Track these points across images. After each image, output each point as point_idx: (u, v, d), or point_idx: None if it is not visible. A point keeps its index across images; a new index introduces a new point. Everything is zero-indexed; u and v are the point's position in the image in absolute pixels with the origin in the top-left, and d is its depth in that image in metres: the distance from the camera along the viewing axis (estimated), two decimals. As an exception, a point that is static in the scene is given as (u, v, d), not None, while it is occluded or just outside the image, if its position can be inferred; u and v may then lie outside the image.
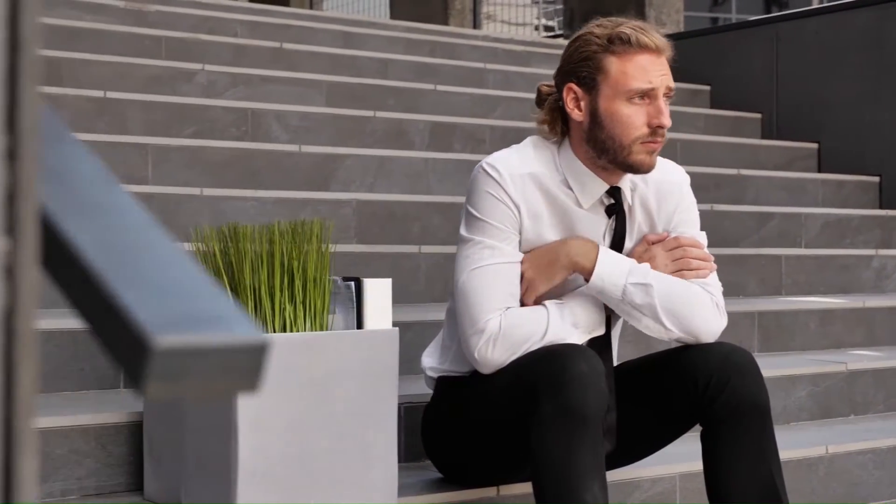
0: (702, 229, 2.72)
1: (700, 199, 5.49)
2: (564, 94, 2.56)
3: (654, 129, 2.49)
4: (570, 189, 2.58)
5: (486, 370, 2.50)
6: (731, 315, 4.06)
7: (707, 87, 7.16)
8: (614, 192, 2.60)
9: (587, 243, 2.54)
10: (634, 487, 2.97)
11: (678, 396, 2.53)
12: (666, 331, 2.53)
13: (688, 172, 2.78)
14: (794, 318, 4.30)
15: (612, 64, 2.51)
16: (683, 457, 2.94)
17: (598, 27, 2.54)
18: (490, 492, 2.71)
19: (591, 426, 2.31)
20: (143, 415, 2.59)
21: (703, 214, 5.06)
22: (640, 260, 2.58)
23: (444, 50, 6.73)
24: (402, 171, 4.71)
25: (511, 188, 2.54)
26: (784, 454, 3.29)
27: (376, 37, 6.57)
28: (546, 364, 2.38)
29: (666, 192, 2.67)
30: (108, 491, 2.63)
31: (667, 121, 2.49)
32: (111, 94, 4.51)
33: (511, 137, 5.31)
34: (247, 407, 2.32)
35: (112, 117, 4.48)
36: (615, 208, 2.61)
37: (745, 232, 5.20)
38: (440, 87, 5.74)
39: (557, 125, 2.61)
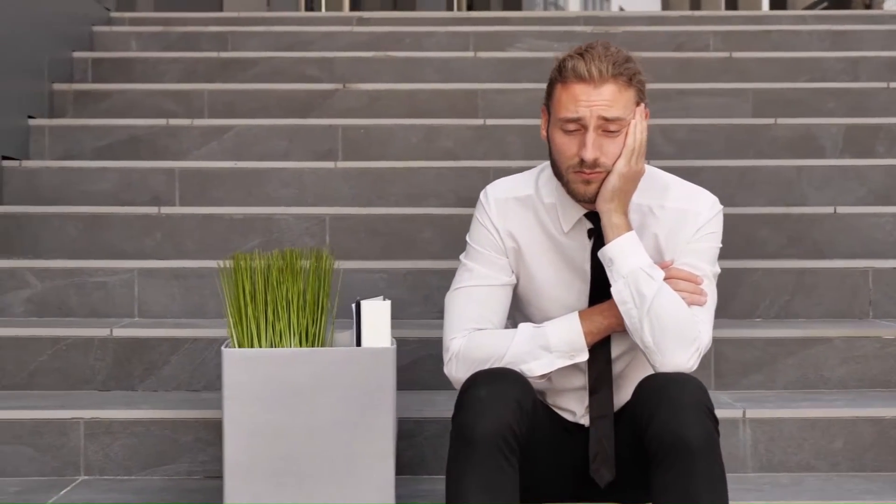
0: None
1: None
2: (541, 112, 2.61)
3: (582, 161, 2.44)
4: (558, 213, 2.60)
5: (456, 387, 2.61)
6: None
7: None
8: (595, 217, 2.56)
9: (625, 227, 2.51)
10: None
11: (635, 429, 2.44)
12: (640, 330, 2.46)
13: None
14: None
15: (556, 90, 2.51)
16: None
17: (569, 52, 2.54)
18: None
19: (480, 450, 2.35)
20: (236, 413, 3.04)
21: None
22: None
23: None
24: (769, 180, 4.57)
25: (493, 212, 2.63)
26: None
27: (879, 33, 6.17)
28: (462, 387, 2.46)
29: (681, 222, 2.57)
30: (228, 475, 3.11)
31: (588, 154, 2.43)
32: (490, 122, 4.94)
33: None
34: (233, 411, 2.69)
35: (491, 143, 4.90)
36: (594, 232, 2.56)
37: None
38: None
39: None
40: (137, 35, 5.99)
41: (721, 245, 2.60)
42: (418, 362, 3.47)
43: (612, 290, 2.48)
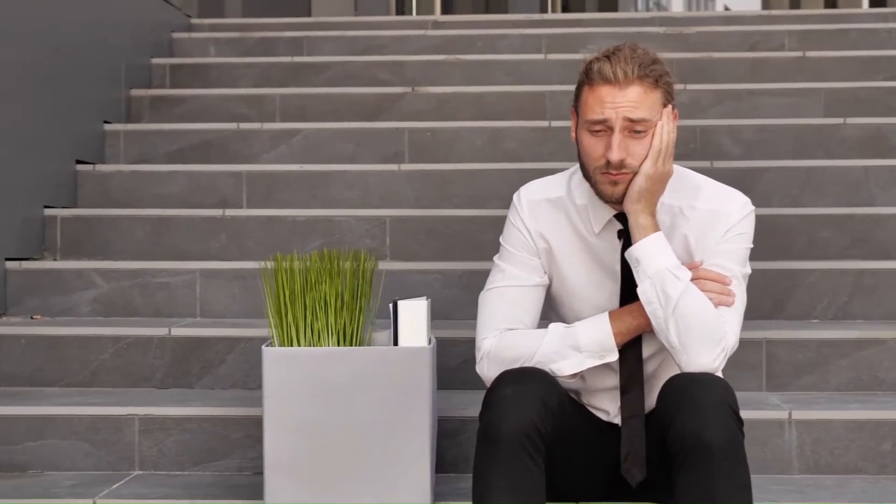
0: None
1: None
2: (570, 114, 2.63)
3: (608, 162, 2.46)
4: (589, 214, 2.62)
5: (487, 385, 2.64)
6: None
7: None
8: (625, 218, 2.57)
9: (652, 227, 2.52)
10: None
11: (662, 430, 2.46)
12: (666, 330, 2.48)
13: None
14: None
15: (584, 93, 2.54)
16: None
17: (596, 54, 2.56)
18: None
19: (505, 448, 2.38)
20: (283, 410, 3.11)
21: None
22: None
23: None
24: (836, 181, 4.51)
25: (525, 213, 2.66)
26: None
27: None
28: (489, 387, 2.50)
29: (711, 222, 2.58)
30: (276, 472, 3.18)
31: (614, 156, 2.45)
32: (555, 124, 4.95)
33: None
34: (272, 408, 2.75)
35: (556, 144, 4.91)
36: (624, 233, 2.58)
37: None
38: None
39: None
40: (216, 41, 6.11)
41: (752, 245, 2.60)
42: (469, 362, 3.48)
43: (639, 290, 2.49)
